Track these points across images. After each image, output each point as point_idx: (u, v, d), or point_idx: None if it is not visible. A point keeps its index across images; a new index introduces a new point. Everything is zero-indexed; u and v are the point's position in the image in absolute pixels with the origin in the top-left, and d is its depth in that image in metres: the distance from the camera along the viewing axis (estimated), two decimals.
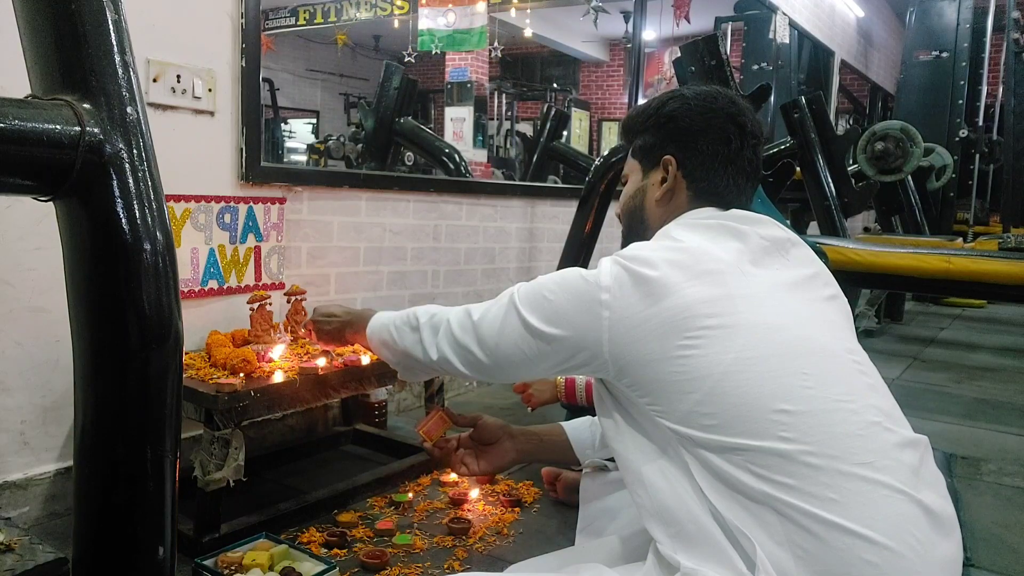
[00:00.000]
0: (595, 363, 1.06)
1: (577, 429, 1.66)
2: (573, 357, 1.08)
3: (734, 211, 1.15)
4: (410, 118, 4.46)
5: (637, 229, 1.23)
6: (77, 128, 0.86)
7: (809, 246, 1.72)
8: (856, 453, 0.91)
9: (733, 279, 1.01)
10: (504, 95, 9.90)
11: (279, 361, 1.81)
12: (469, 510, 1.81)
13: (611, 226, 3.18)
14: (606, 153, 3.01)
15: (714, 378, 0.95)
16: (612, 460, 1.62)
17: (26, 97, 0.90)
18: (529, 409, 2.01)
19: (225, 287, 2.06)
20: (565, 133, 6.50)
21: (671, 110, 1.18)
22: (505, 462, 1.57)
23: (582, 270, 1.08)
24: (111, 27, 0.92)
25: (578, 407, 1.90)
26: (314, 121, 10.91)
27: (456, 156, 4.10)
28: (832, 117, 5.61)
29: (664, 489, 0.99)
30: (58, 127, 0.85)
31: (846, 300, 1.15)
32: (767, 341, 0.97)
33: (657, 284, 1.00)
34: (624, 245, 1.23)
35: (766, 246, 1.08)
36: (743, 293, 1.00)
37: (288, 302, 2.11)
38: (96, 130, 0.88)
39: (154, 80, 1.83)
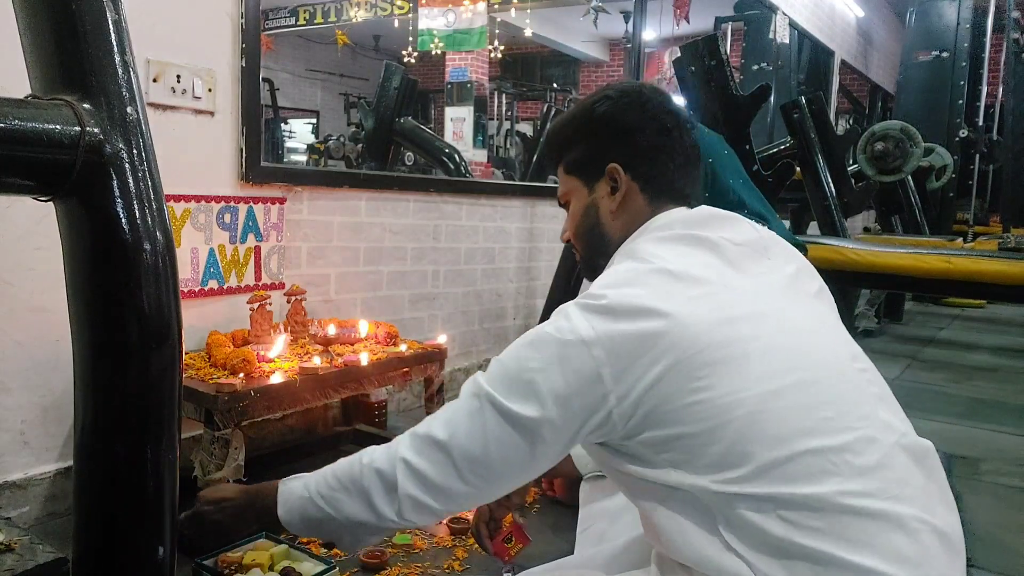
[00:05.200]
0: (604, 428, 0.91)
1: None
2: (580, 431, 0.92)
3: (702, 211, 1.07)
4: (410, 118, 4.46)
5: (597, 248, 1.11)
6: (77, 128, 0.86)
7: (784, 237, 1.71)
8: (884, 487, 0.86)
9: (724, 298, 0.92)
10: (504, 95, 9.91)
11: (279, 361, 1.81)
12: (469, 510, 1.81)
13: None
14: None
15: (736, 423, 0.86)
16: None
17: (26, 97, 0.90)
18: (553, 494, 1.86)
19: (225, 287, 2.06)
20: None
21: (602, 112, 1.09)
22: (527, 487, 1.45)
23: (551, 331, 0.92)
24: (111, 27, 0.92)
25: None
26: (314, 121, 10.92)
27: (456, 156, 4.11)
28: (832, 117, 5.61)
29: (681, 538, 0.92)
30: (58, 127, 0.85)
31: (828, 289, 1.10)
32: (781, 369, 0.89)
33: (652, 319, 0.88)
34: (585, 268, 1.15)
35: (744, 252, 1.00)
36: (740, 314, 0.91)
37: (288, 302, 2.11)
38: (96, 130, 0.88)
39: (154, 80, 1.83)
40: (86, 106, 0.89)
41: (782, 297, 0.98)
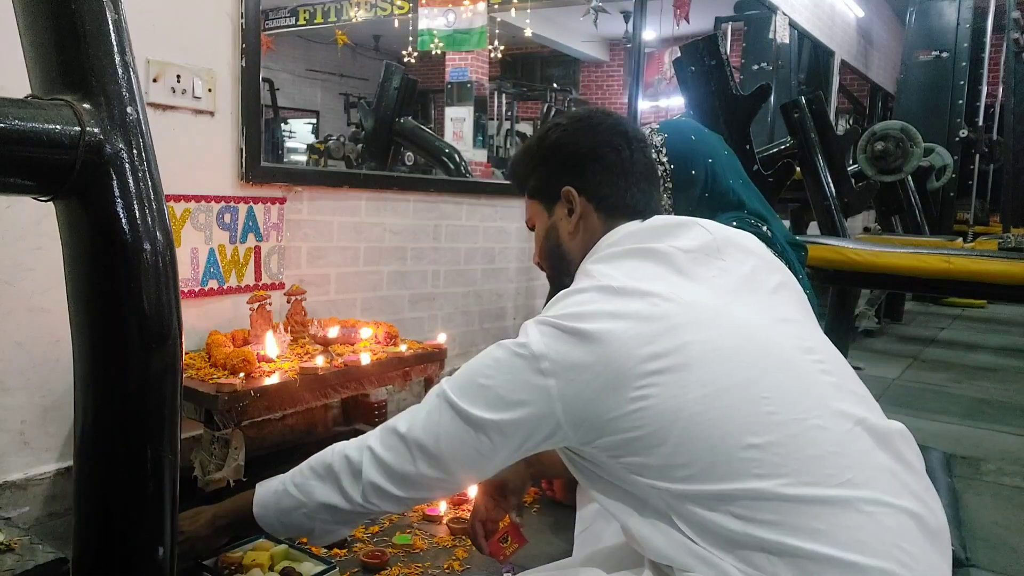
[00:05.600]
0: (556, 436, 0.98)
1: None
2: (530, 437, 0.99)
3: (653, 222, 1.11)
4: (410, 118, 4.46)
5: (561, 267, 1.19)
6: (77, 128, 0.86)
7: (783, 237, 1.70)
8: (833, 473, 0.88)
9: (668, 308, 0.95)
10: (504, 95, 9.91)
11: (279, 361, 1.81)
12: (469, 510, 1.81)
13: None
14: None
15: (680, 424, 0.90)
16: None
17: (26, 97, 0.90)
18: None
19: (225, 287, 2.06)
20: None
21: (554, 139, 1.16)
22: (525, 487, 1.51)
23: (509, 344, 1.00)
24: (111, 27, 0.92)
25: None
26: (314, 121, 10.92)
27: (456, 156, 4.11)
28: (832, 117, 5.61)
29: (658, 539, 0.95)
30: (58, 127, 0.85)
31: (795, 280, 1.11)
32: (721, 371, 0.92)
33: (593, 336, 0.93)
34: (554, 288, 1.19)
35: (694, 257, 1.03)
36: (683, 321, 0.95)
37: (288, 302, 2.11)
38: (96, 130, 0.88)
39: (154, 80, 1.83)
40: (86, 106, 0.88)
41: (732, 298, 1.01)
